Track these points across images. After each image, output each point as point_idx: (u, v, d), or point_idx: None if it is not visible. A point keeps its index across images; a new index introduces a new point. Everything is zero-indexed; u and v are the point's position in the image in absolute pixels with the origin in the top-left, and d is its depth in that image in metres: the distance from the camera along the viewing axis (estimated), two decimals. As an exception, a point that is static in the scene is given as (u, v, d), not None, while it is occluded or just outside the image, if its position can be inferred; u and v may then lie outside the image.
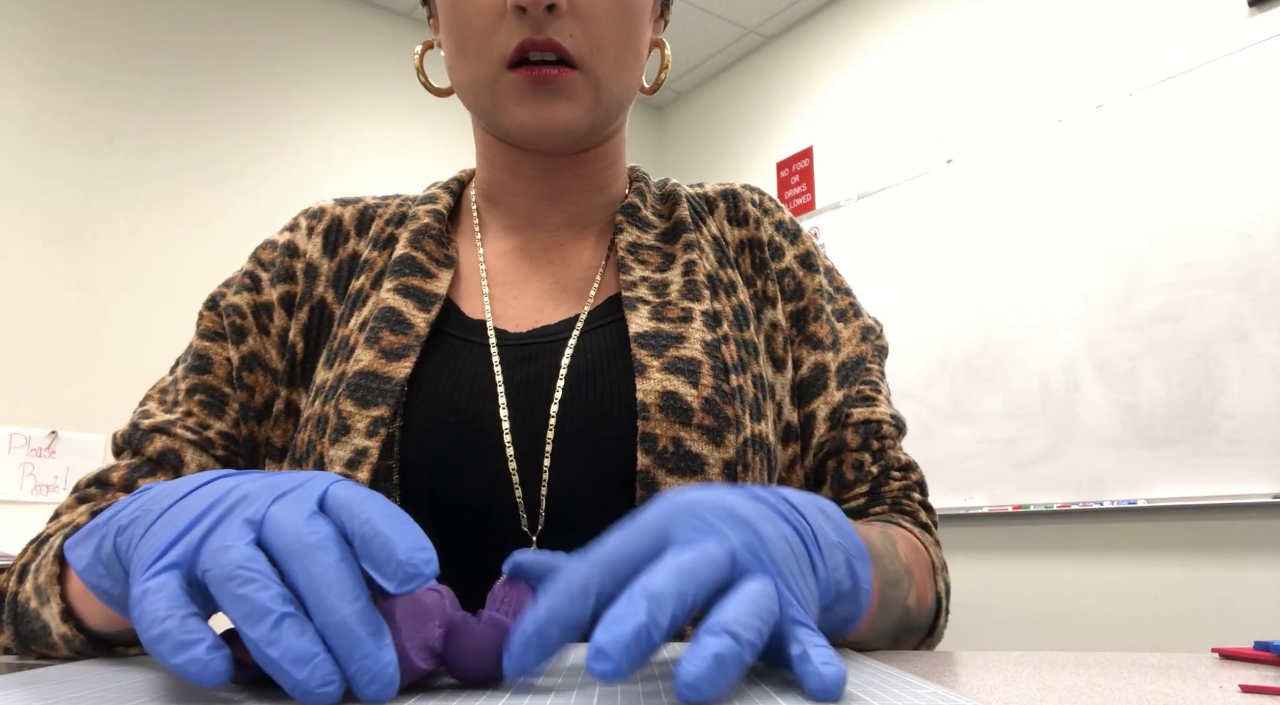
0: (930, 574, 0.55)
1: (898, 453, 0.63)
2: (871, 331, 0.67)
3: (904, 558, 0.51)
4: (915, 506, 0.62)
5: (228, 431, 0.60)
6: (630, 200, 0.65)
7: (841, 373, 0.63)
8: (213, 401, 0.60)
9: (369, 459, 0.51)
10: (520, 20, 0.53)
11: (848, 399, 0.62)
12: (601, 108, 0.58)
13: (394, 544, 0.29)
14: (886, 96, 3.03)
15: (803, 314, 0.64)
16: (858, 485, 0.61)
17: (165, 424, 0.58)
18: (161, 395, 0.61)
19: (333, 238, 0.65)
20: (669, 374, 0.54)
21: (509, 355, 0.57)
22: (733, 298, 0.62)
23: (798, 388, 0.62)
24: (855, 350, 0.64)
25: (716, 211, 0.67)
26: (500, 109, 0.57)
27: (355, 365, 0.55)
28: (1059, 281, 2.40)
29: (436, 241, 0.62)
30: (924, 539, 0.59)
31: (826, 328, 0.64)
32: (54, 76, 2.67)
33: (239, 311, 0.62)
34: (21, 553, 0.54)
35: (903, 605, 0.49)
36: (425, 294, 0.59)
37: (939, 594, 0.56)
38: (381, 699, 0.28)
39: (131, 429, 0.59)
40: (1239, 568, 2.03)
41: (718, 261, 0.64)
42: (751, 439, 0.55)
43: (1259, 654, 0.42)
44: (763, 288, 0.64)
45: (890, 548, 0.50)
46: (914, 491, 0.63)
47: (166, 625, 0.28)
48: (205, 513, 0.31)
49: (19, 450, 2.50)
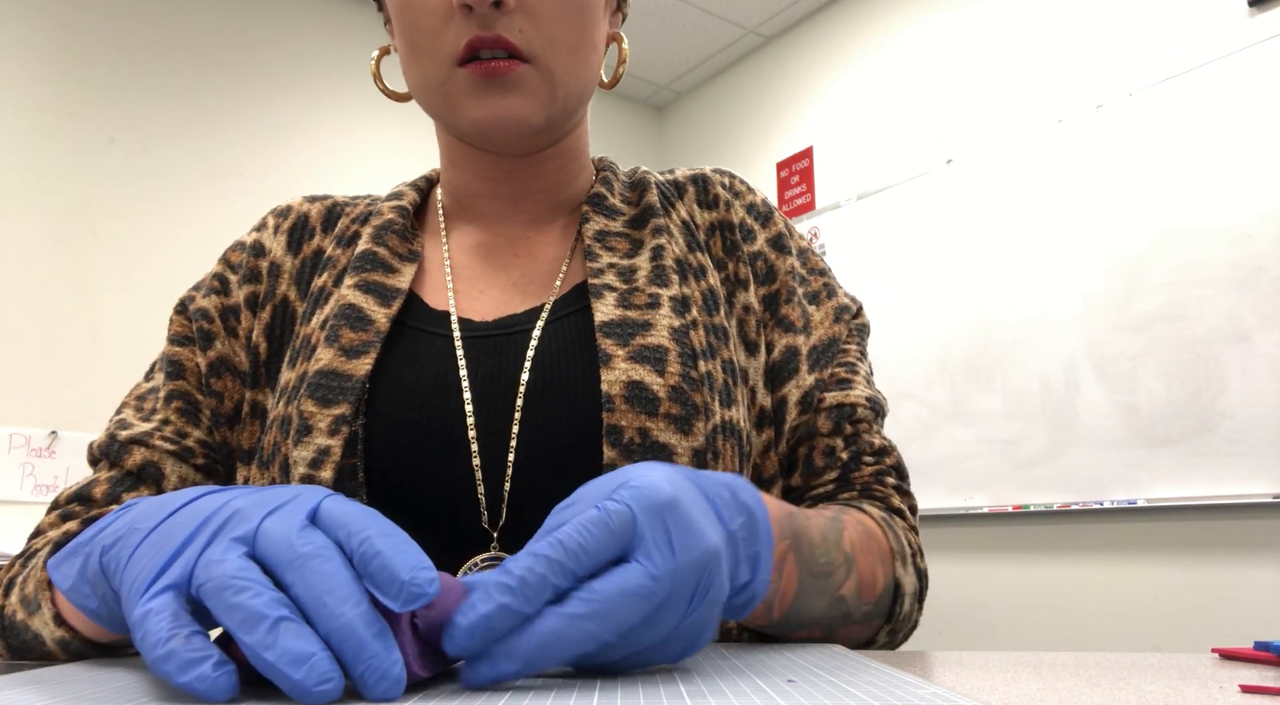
0: (885, 560, 0.54)
1: (872, 437, 0.62)
2: (846, 310, 0.65)
3: (849, 546, 0.50)
4: (888, 491, 0.61)
5: (204, 439, 0.59)
6: (596, 190, 0.65)
7: (813, 356, 0.62)
8: (189, 409, 0.59)
9: (332, 458, 0.51)
10: (468, 18, 0.53)
11: (820, 382, 0.61)
12: (558, 101, 0.57)
13: (395, 564, 0.29)
14: (886, 96, 3.03)
15: (775, 297, 0.63)
16: (827, 472, 0.60)
17: (143, 435, 0.57)
18: (139, 402, 0.60)
19: (297, 235, 0.64)
20: (634, 363, 0.53)
21: (473, 347, 0.57)
22: (702, 282, 0.61)
23: (770, 372, 0.61)
24: (828, 332, 0.63)
25: (686, 195, 0.66)
26: (453, 108, 0.57)
27: (315, 364, 0.54)
28: (1059, 281, 2.40)
29: (400, 237, 0.62)
30: (889, 523, 0.57)
31: (798, 310, 0.63)
32: (54, 76, 2.67)
33: (206, 316, 0.61)
34: (6, 568, 0.54)
35: (833, 595, 0.49)
36: (386, 289, 0.58)
37: (896, 580, 0.55)
38: (390, 697, 0.28)
39: (109, 440, 0.58)
40: (1239, 568, 2.03)
41: (687, 246, 0.63)
42: (721, 426, 0.54)
43: (1259, 654, 0.42)
44: (734, 270, 0.63)
45: (834, 536, 0.49)
46: (888, 476, 0.61)
47: (171, 645, 0.28)
48: (197, 531, 0.32)
49: (19, 450, 2.51)
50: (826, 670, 0.35)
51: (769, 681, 0.32)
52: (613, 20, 0.65)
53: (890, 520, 0.58)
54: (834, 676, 0.33)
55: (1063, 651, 0.46)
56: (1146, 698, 0.31)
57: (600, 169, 0.69)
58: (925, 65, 2.91)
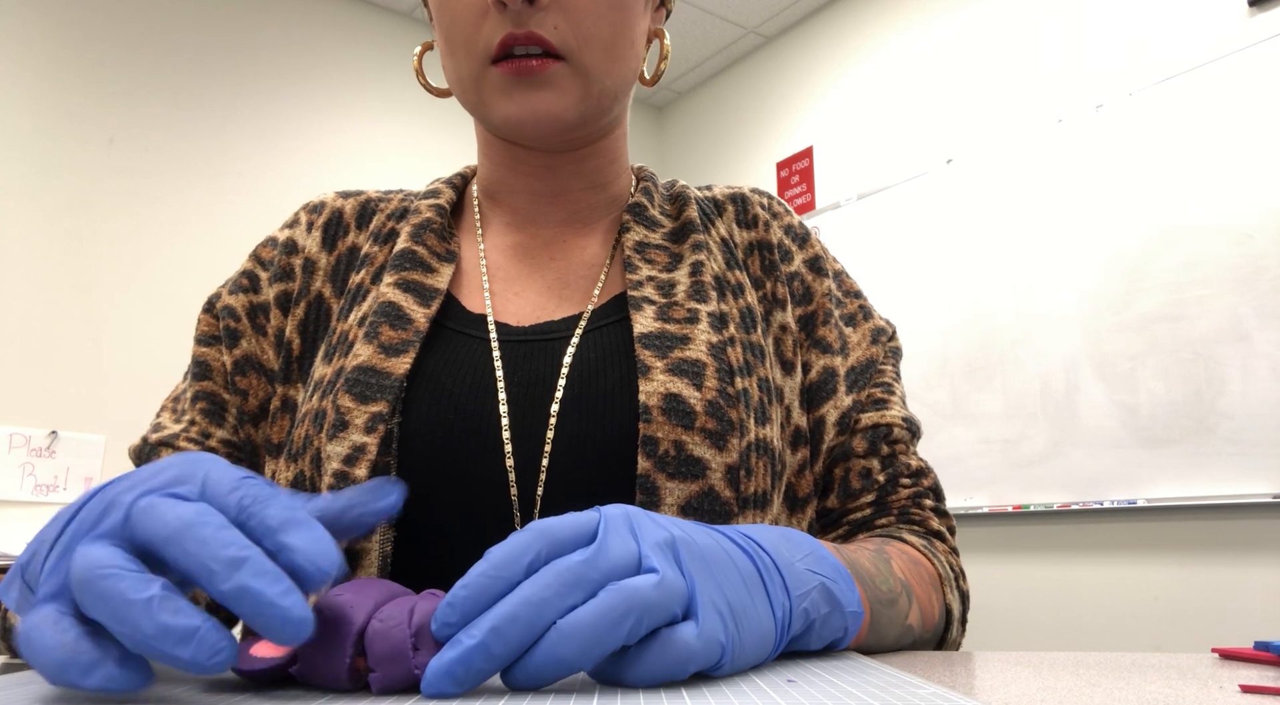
0: (936, 586, 0.54)
1: (909, 458, 0.62)
2: (883, 333, 0.66)
3: (900, 575, 0.50)
4: (926, 514, 0.60)
5: (229, 438, 0.60)
6: (637, 199, 0.65)
7: (850, 377, 0.62)
8: (213, 409, 0.60)
9: (367, 455, 0.51)
10: (502, 15, 0.53)
11: (857, 404, 0.61)
12: (592, 98, 0.57)
13: (296, 555, 0.29)
14: (886, 96, 3.03)
15: (811, 318, 0.63)
16: (864, 494, 0.60)
17: (171, 437, 0.59)
18: (174, 404, 0.62)
19: (332, 231, 0.64)
20: (672, 376, 0.53)
21: (510, 351, 0.57)
22: (740, 300, 0.61)
23: (807, 392, 0.61)
24: (865, 353, 0.64)
25: (725, 214, 0.67)
26: (487, 104, 0.57)
27: (354, 360, 0.54)
28: (1059, 282, 2.40)
29: (438, 236, 0.62)
30: (931, 550, 0.57)
31: (835, 332, 0.63)
32: (54, 76, 2.67)
33: (233, 313, 0.61)
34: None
35: (902, 624, 0.49)
36: (425, 289, 0.58)
37: (947, 606, 0.55)
38: (300, 636, 0.28)
39: (142, 443, 0.60)
40: (1239, 568, 2.03)
41: (726, 264, 0.63)
42: (755, 443, 0.54)
43: (1259, 654, 0.42)
44: (772, 290, 0.64)
45: (884, 567, 0.49)
46: (925, 499, 0.61)
47: (60, 654, 0.28)
48: (74, 532, 0.31)
49: (19, 450, 2.50)
50: (826, 670, 0.35)
51: (769, 681, 0.32)
52: (655, 17, 0.65)
53: (931, 546, 0.58)
54: (834, 676, 0.33)
55: (1063, 651, 0.46)
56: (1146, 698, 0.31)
57: (641, 178, 0.68)
58: (925, 65, 2.91)
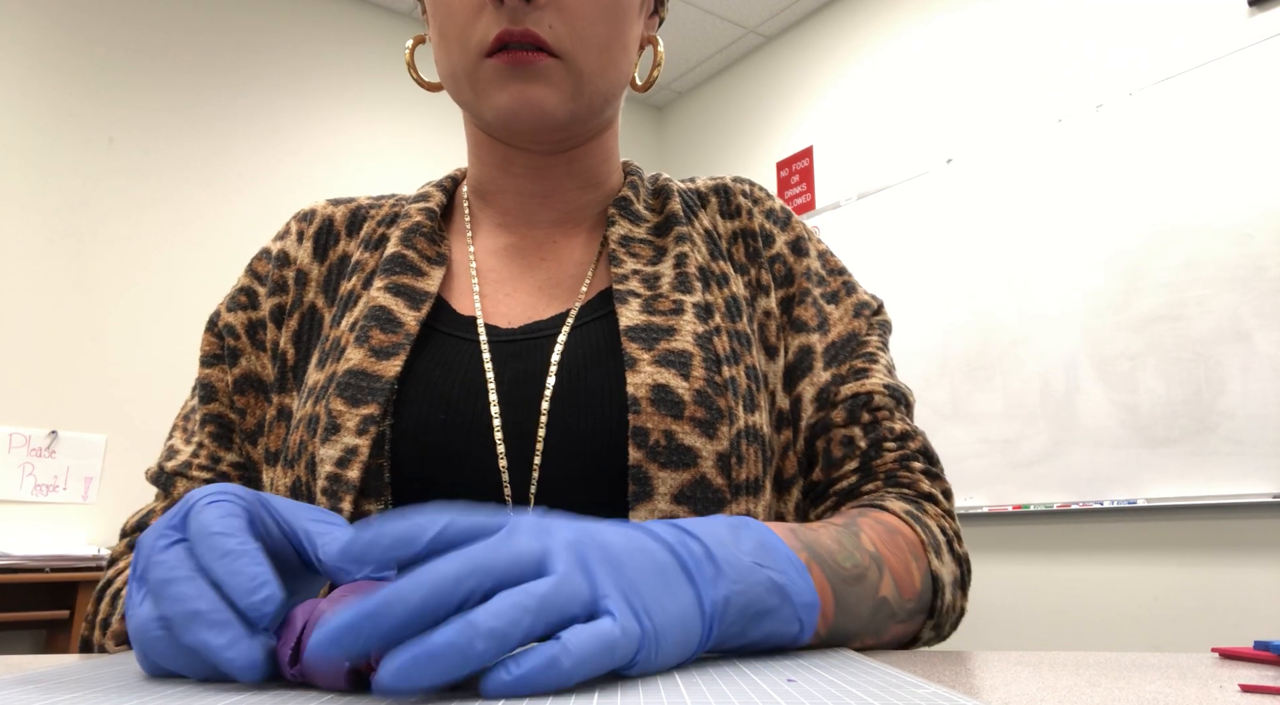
0: (918, 554, 0.53)
1: (894, 423, 0.60)
2: (866, 307, 0.65)
3: (870, 547, 0.49)
4: (915, 477, 0.59)
5: (237, 460, 0.61)
6: (624, 193, 0.65)
7: (829, 353, 0.62)
8: (221, 431, 0.61)
9: (359, 457, 0.51)
10: (499, 12, 0.54)
11: (836, 377, 0.61)
12: (584, 98, 0.58)
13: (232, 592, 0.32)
14: (886, 96, 3.03)
15: (790, 299, 0.64)
16: (847, 462, 0.59)
17: (183, 466, 0.60)
18: (185, 424, 0.63)
19: (323, 240, 0.65)
20: (660, 367, 0.54)
21: (500, 352, 0.57)
22: (724, 289, 0.61)
23: (786, 372, 0.61)
24: (847, 327, 0.63)
25: (709, 206, 0.67)
26: (480, 96, 0.57)
27: (345, 364, 0.55)
28: (1059, 281, 2.40)
29: (428, 239, 0.62)
30: (917, 515, 0.56)
31: (812, 310, 0.63)
32: (54, 76, 2.67)
33: (233, 332, 0.62)
34: (94, 609, 0.56)
35: (874, 597, 0.48)
36: (416, 292, 0.59)
37: (934, 572, 0.54)
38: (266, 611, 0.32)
39: (159, 470, 0.61)
40: (1239, 568, 2.03)
41: (709, 254, 0.63)
42: (745, 430, 0.55)
43: (1259, 654, 0.42)
44: (756, 276, 0.64)
45: (849, 541, 0.48)
46: (914, 460, 0.60)
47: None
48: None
49: (19, 450, 2.50)
50: (826, 670, 0.35)
51: (769, 681, 0.32)
52: (648, 23, 0.65)
53: (917, 512, 0.56)
54: (834, 676, 0.33)
55: (1063, 651, 0.45)
56: (1146, 697, 0.31)
57: (628, 172, 0.69)
58: (925, 65, 2.91)
